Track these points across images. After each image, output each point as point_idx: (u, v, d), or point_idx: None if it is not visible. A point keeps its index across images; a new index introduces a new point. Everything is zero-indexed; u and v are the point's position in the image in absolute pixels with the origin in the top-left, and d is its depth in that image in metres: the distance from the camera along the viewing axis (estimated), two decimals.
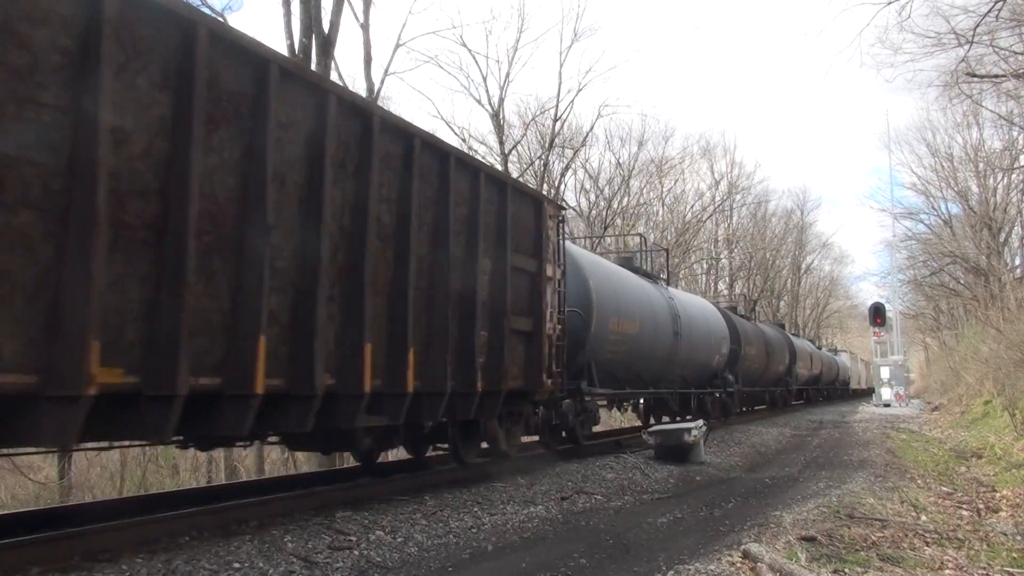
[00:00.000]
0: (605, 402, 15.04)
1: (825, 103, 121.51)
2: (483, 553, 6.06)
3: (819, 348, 43.73)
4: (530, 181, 31.20)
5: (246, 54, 5.26)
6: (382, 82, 23.51)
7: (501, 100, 30.91)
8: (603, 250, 32.55)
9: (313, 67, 16.13)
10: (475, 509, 7.48)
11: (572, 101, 40.13)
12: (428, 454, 9.59)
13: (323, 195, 5.79)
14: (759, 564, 5.18)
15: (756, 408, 27.10)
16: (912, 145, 40.77)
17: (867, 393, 51.65)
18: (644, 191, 38.89)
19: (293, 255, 5.62)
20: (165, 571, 4.77)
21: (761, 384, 25.03)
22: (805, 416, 26.35)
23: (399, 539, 6.16)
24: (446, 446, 9.33)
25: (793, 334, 36.67)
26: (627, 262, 16.31)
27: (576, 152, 33.52)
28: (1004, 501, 8.58)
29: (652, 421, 17.20)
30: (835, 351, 53.47)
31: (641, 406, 17.74)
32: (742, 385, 20.86)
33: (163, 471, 14.32)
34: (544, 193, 13.18)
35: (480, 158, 17.93)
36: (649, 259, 20.14)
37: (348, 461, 11.79)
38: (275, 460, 21.58)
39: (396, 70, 45.19)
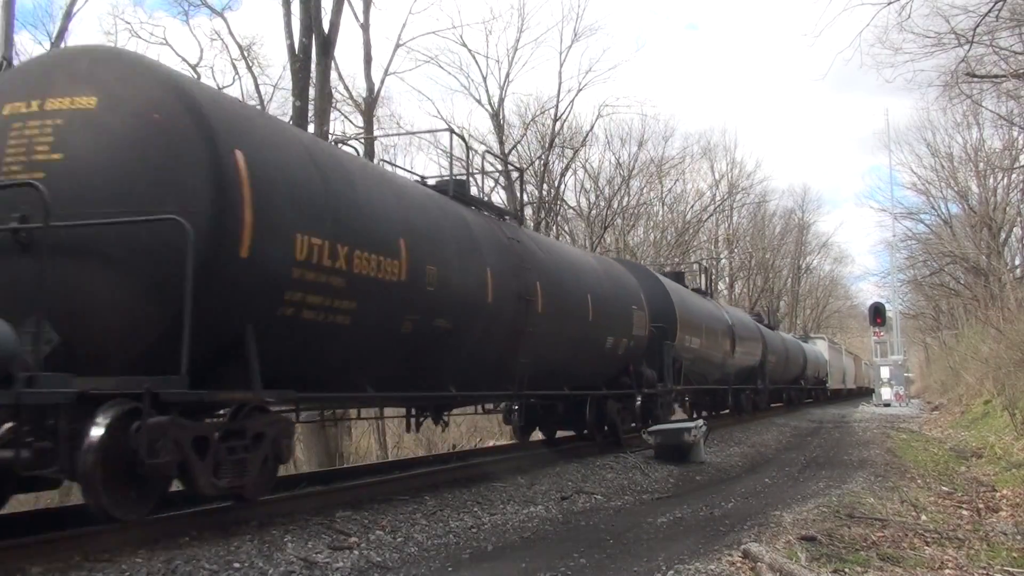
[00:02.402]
0: None
1: (825, 103, 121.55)
2: (483, 553, 6.06)
3: (771, 327, 29.29)
4: (530, 181, 31.18)
5: None
6: (382, 82, 23.62)
7: (501, 100, 30.94)
8: (603, 249, 32.54)
9: (313, 67, 16.16)
10: (475, 509, 7.48)
11: (572, 101, 40.04)
12: None
13: None
14: (759, 564, 5.18)
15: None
16: (912, 145, 40.71)
17: (855, 396, 46.86)
18: (644, 191, 38.88)
19: None
20: (165, 571, 4.77)
21: (548, 381, 10.36)
22: (805, 417, 26.34)
23: (399, 539, 6.16)
24: None
25: (703, 292, 20.80)
26: None
27: (576, 152, 33.51)
28: (1004, 501, 8.57)
29: None
30: (805, 336, 41.66)
31: None
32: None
33: None
34: None
35: (481, 158, 17.84)
36: None
37: (348, 461, 11.77)
38: None
39: (396, 70, 45.13)
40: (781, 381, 27.78)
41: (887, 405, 32.32)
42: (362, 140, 17.34)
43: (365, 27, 21.06)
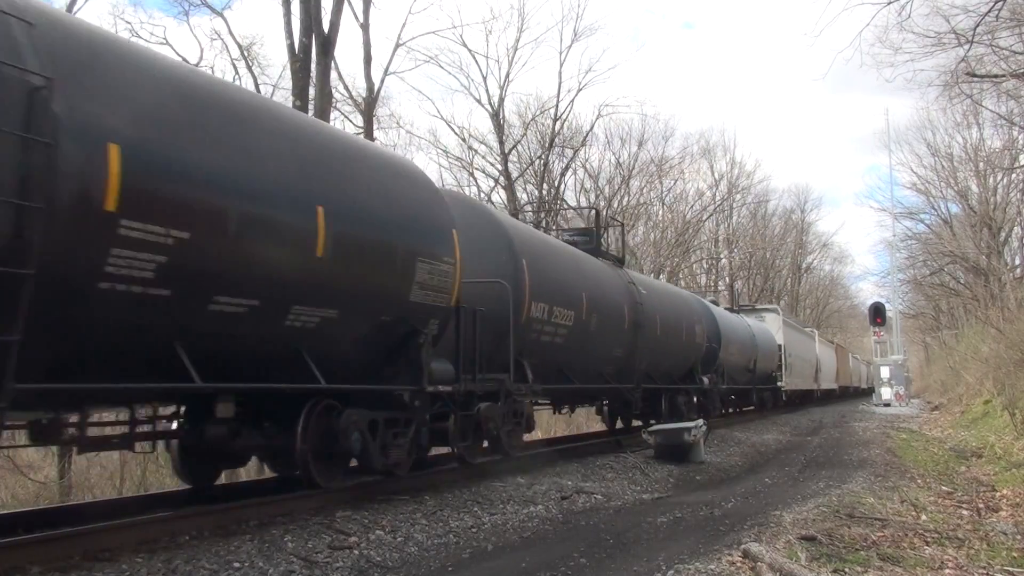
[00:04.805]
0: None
1: (824, 103, 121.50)
2: (483, 553, 6.06)
3: (608, 256, 13.81)
4: (530, 181, 31.17)
5: None
6: (382, 82, 23.58)
7: (501, 100, 30.90)
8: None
9: (313, 67, 16.16)
10: (475, 508, 7.48)
11: (572, 101, 40.03)
12: None
13: None
14: (759, 564, 5.18)
15: None
16: (912, 145, 40.69)
17: (835, 399, 41.38)
18: (644, 191, 38.83)
19: None
20: (165, 571, 4.77)
21: None
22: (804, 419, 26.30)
23: (399, 539, 6.16)
24: None
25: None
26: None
27: (576, 152, 33.47)
28: (1004, 500, 8.57)
29: None
30: (749, 308, 29.51)
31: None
32: None
33: (163, 471, 14.29)
34: None
35: (481, 158, 17.70)
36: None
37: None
38: None
39: (396, 70, 45.14)
40: (630, 377, 13.46)
41: (887, 405, 32.34)
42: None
43: (365, 27, 21.07)
